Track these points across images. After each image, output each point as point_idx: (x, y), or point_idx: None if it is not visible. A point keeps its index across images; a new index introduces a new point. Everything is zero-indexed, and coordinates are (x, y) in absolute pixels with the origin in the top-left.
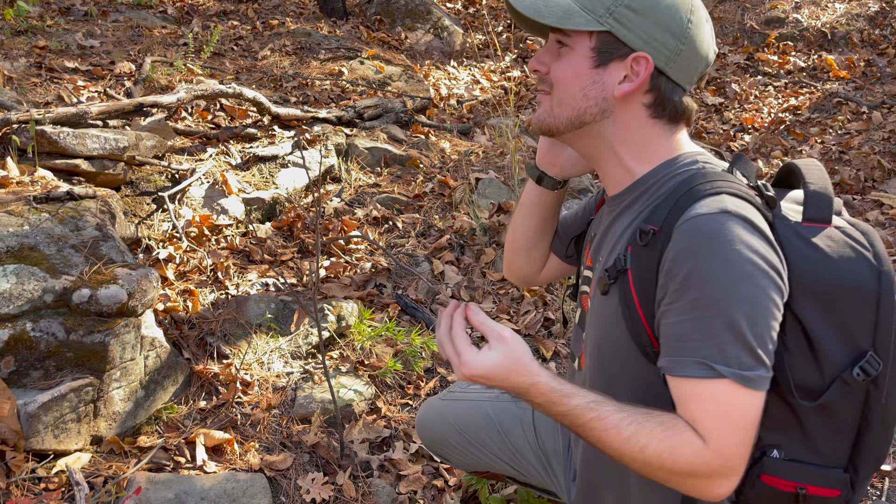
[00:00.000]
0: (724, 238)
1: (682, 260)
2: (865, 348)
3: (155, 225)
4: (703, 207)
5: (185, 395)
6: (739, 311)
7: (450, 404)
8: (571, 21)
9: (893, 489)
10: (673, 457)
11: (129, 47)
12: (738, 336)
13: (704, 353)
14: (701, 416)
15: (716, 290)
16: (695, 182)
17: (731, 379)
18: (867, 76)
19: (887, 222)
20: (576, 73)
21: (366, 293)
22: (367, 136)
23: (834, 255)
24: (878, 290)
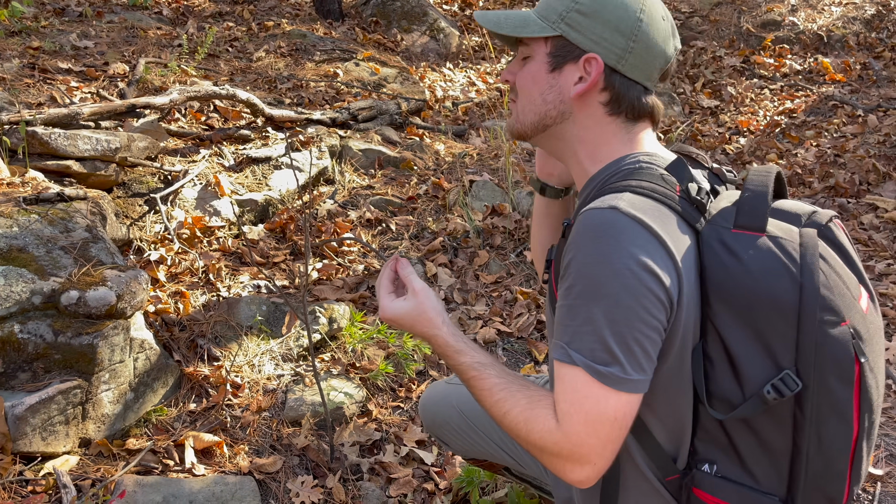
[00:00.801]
0: (602, 233)
1: (569, 249)
2: (785, 366)
3: (147, 226)
4: (598, 202)
5: (174, 397)
6: (601, 307)
7: (455, 388)
8: (526, 29)
9: (885, 494)
10: (527, 428)
11: (123, 48)
12: (595, 331)
13: (567, 338)
14: (560, 398)
15: (584, 282)
16: (615, 180)
17: (582, 368)
18: (863, 79)
19: (882, 225)
20: (534, 78)
21: (358, 295)
22: (362, 137)
23: (752, 264)
24: (797, 305)
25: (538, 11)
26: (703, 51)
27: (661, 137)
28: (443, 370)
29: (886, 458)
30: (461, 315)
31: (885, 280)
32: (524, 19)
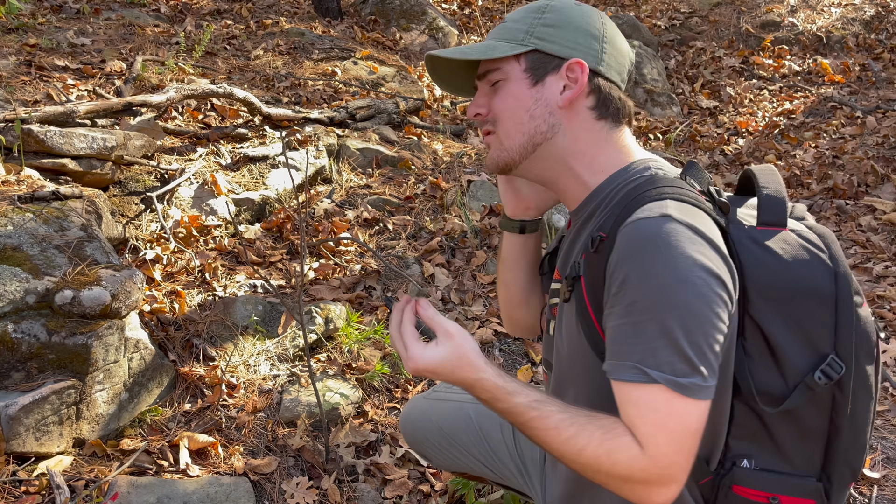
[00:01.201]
0: (662, 242)
1: (621, 264)
2: (827, 351)
3: (143, 225)
4: (644, 212)
5: (170, 397)
6: (674, 318)
7: (434, 404)
8: (497, 51)
9: (881, 497)
10: (610, 461)
11: (120, 46)
12: (672, 342)
13: (639, 357)
14: (639, 421)
15: (651, 295)
16: (642, 188)
17: (664, 385)
18: (862, 80)
19: (880, 227)
20: (516, 98)
21: (355, 295)
22: (359, 136)
23: (788, 257)
24: (834, 292)
25: (499, 36)
26: (702, 51)
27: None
28: None
29: (883, 462)
30: (458, 316)
31: (883, 282)
32: (488, 45)
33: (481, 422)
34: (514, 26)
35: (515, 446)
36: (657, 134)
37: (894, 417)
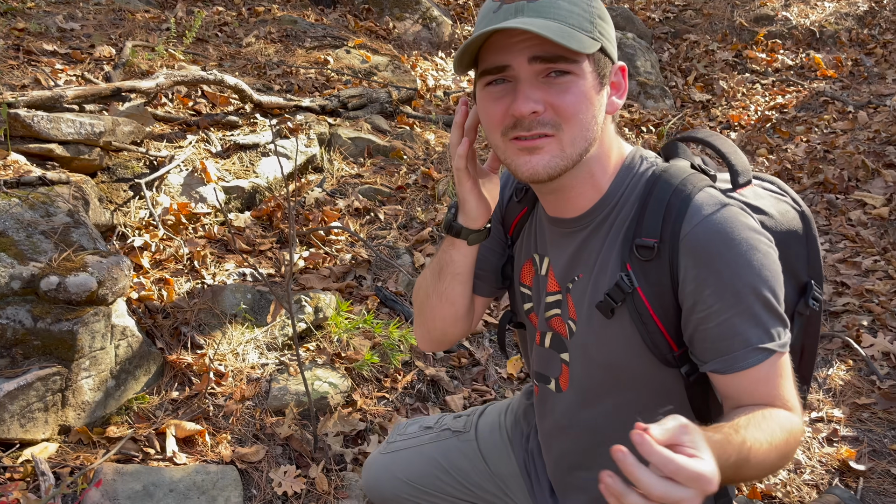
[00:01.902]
0: (737, 229)
1: (708, 263)
2: (805, 280)
3: (131, 212)
4: (704, 208)
5: (157, 385)
6: (767, 287)
7: (393, 457)
8: (584, 44)
9: (867, 489)
10: (794, 438)
11: (110, 31)
12: (773, 312)
13: (757, 338)
14: (777, 392)
15: (749, 279)
16: (670, 184)
17: (779, 352)
18: (854, 75)
19: (870, 222)
20: (589, 100)
21: (345, 285)
22: (351, 126)
23: (773, 211)
24: (805, 228)
25: (570, 21)
26: (695, 44)
27: (651, 131)
28: (429, 360)
29: (869, 454)
30: None
31: (872, 276)
32: (569, 33)
33: (447, 458)
34: (575, 11)
35: (489, 468)
36: (650, 126)
37: (881, 410)
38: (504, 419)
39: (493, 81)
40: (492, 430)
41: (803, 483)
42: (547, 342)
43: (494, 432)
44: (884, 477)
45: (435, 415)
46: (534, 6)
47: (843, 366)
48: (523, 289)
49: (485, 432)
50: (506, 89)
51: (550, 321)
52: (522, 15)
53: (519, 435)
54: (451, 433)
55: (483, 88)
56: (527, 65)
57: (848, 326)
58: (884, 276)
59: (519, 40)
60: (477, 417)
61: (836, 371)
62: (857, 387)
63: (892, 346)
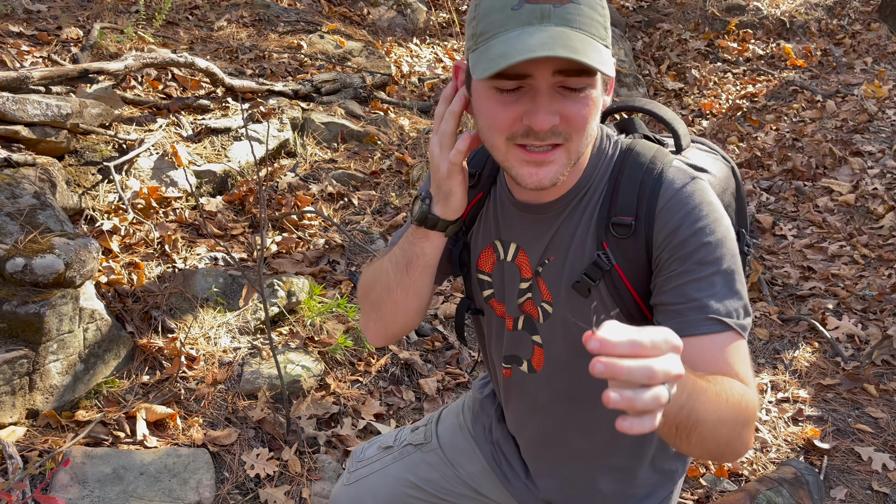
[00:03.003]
0: (703, 202)
1: (679, 232)
2: (736, 228)
3: (100, 196)
4: (676, 182)
5: (127, 369)
6: (731, 265)
7: (358, 486)
8: (608, 61)
9: (831, 467)
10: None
11: (77, 13)
12: (733, 290)
13: (714, 310)
14: (734, 368)
15: (712, 251)
16: (641, 161)
17: (736, 331)
18: (823, 65)
19: (836, 208)
20: (598, 109)
21: (318, 269)
22: (325, 110)
23: (712, 168)
24: (736, 182)
25: (592, 32)
26: (668, 33)
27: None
28: (403, 345)
29: (833, 433)
30: None
31: (838, 261)
32: (597, 49)
33: (415, 473)
34: (596, 18)
35: (457, 472)
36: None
37: (845, 391)
38: (463, 419)
39: (507, 89)
40: (453, 433)
41: (769, 461)
42: (520, 325)
43: (457, 434)
44: (847, 455)
45: (391, 432)
46: (559, 13)
47: (809, 348)
48: (481, 275)
49: (446, 437)
50: (519, 95)
51: (522, 306)
52: (549, 22)
53: (481, 430)
54: (413, 447)
55: (490, 88)
56: (550, 77)
57: (814, 310)
58: (849, 261)
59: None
60: (435, 425)
61: (802, 353)
62: (822, 368)
63: (857, 328)
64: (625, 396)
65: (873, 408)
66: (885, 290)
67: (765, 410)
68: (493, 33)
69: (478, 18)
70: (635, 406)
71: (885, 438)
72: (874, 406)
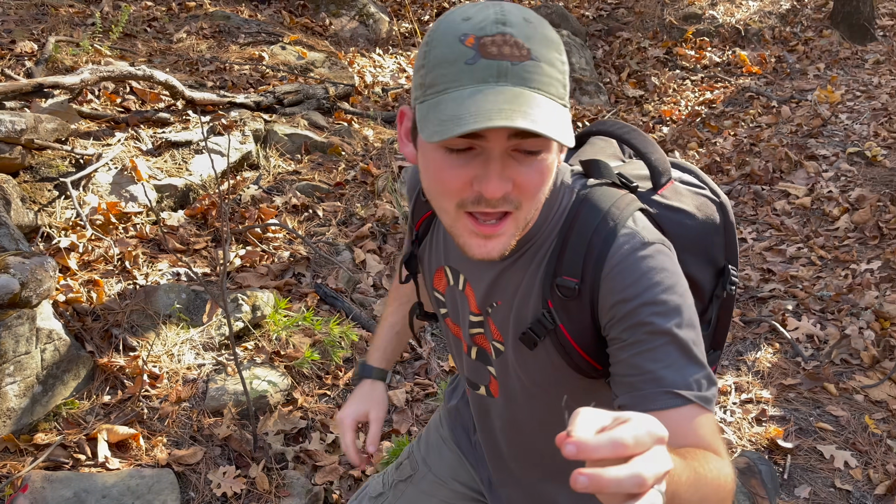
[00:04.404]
0: (655, 268)
1: (623, 301)
2: (722, 264)
3: (57, 212)
4: (625, 248)
5: (87, 389)
6: (687, 335)
7: None
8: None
9: (794, 466)
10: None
11: (32, 26)
12: (692, 358)
13: (671, 382)
14: (701, 436)
15: (664, 321)
16: (592, 218)
17: (698, 404)
18: (778, 72)
19: (793, 211)
20: (551, 173)
21: (283, 283)
22: (287, 122)
23: (693, 209)
24: (724, 220)
25: (551, 92)
26: (628, 42)
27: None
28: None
29: (796, 432)
30: None
31: (796, 263)
32: (555, 109)
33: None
34: (555, 76)
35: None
36: (585, 122)
37: (806, 390)
38: (443, 431)
39: (457, 150)
40: (438, 448)
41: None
42: (474, 355)
43: (442, 448)
44: (810, 453)
45: (375, 477)
46: (517, 71)
47: (771, 349)
48: (437, 294)
49: (433, 456)
50: (470, 158)
51: (475, 338)
52: (506, 81)
53: (462, 433)
54: (404, 483)
55: (438, 148)
56: (505, 141)
57: (774, 311)
58: (807, 263)
59: None
60: (417, 451)
61: (764, 354)
62: (783, 368)
63: (816, 328)
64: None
65: (834, 406)
66: (841, 291)
67: (729, 412)
68: (444, 87)
69: (426, 67)
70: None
71: (846, 436)
72: (834, 404)
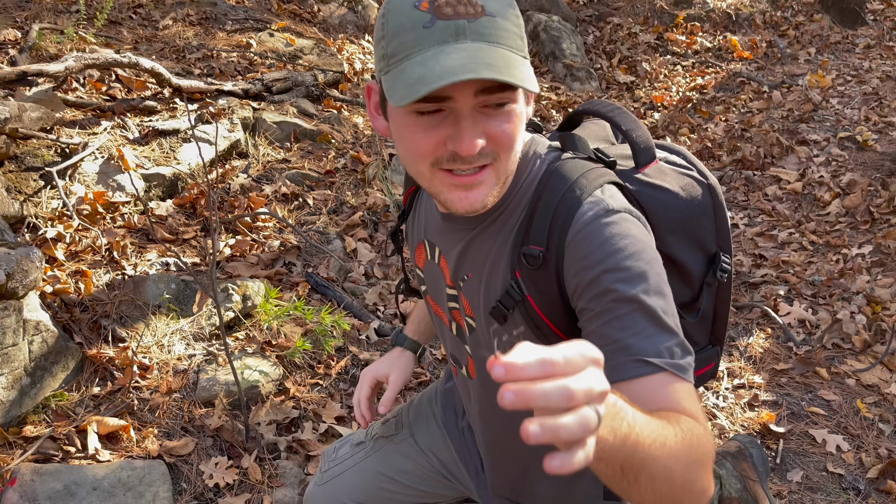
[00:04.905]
0: (617, 234)
1: (585, 268)
2: (713, 250)
3: (43, 202)
4: (588, 216)
5: (76, 381)
6: (655, 301)
7: (332, 484)
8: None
9: (787, 450)
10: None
11: (15, 14)
12: (662, 326)
13: (640, 349)
14: (676, 400)
15: (630, 288)
16: (560, 187)
17: (670, 371)
18: (769, 57)
19: (784, 196)
20: (522, 123)
21: (274, 272)
22: (276, 110)
23: (676, 188)
24: (712, 201)
25: (510, 44)
26: (619, 27)
27: None
28: (362, 345)
29: (788, 417)
30: (382, 290)
31: (787, 248)
32: (515, 60)
33: (389, 465)
34: (511, 29)
35: (430, 460)
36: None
37: (798, 375)
38: (435, 407)
39: (425, 112)
40: (427, 421)
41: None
42: (454, 330)
43: (430, 422)
44: (802, 438)
45: (360, 429)
46: (475, 28)
47: (763, 334)
48: (418, 270)
49: (420, 425)
50: (440, 119)
51: (452, 312)
52: (465, 38)
53: (452, 416)
54: (384, 440)
55: (408, 113)
56: (472, 98)
57: (766, 296)
58: (798, 248)
59: None
60: (406, 415)
61: (756, 339)
62: (775, 353)
63: (807, 313)
64: (546, 426)
65: (825, 391)
66: (833, 275)
67: (722, 397)
68: (405, 54)
69: (387, 38)
70: (560, 435)
71: (837, 420)
72: (826, 389)
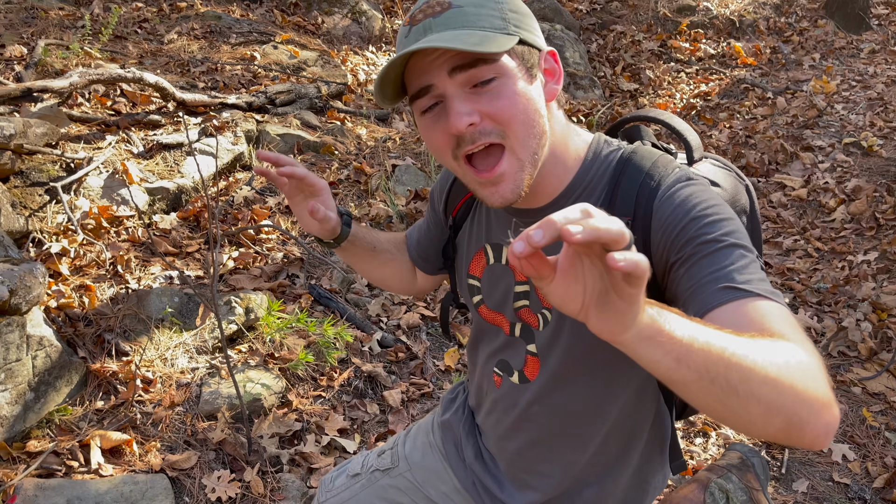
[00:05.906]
0: (704, 196)
1: (674, 224)
2: None
3: (48, 217)
4: (671, 179)
5: (80, 395)
6: (744, 240)
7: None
8: (499, 43)
9: (792, 460)
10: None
11: (21, 30)
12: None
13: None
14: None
15: (715, 229)
16: (643, 164)
17: (761, 294)
18: (773, 63)
19: (789, 203)
20: (524, 97)
21: (277, 284)
22: (280, 122)
23: (728, 185)
24: (750, 201)
25: (480, 24)
26: (622, 35)
27: (581, 121)
28: (365, 357)
29: None
30: (384, 301)
31: (792, 255)
32: (480, 36)
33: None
34: (483, 13)
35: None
36: (580, 117)
37: None
38: (434, 438)
39: (427, 109)
40: (423, 452)
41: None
42: (518, 332)
43: (427, 454)
44: None
45: (358, 456)
46: (440, 20)
47: None
48: (472, 280)
49: (416, 458)
50: (438, 113)
51: (519, 312)
52: (431, 32)
53: (452, 448)
54: (380, 473)
55: (420, 118)
56: (448, 79)
57: None
58: (804, 255)
59: (435, 58)
60: (402, 447)
61: None
62: None
63: (813, 321)
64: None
65: None
66: (838, 283)
67: None
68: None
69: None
70: (597, 229)
71: (843, 429)
72: None
